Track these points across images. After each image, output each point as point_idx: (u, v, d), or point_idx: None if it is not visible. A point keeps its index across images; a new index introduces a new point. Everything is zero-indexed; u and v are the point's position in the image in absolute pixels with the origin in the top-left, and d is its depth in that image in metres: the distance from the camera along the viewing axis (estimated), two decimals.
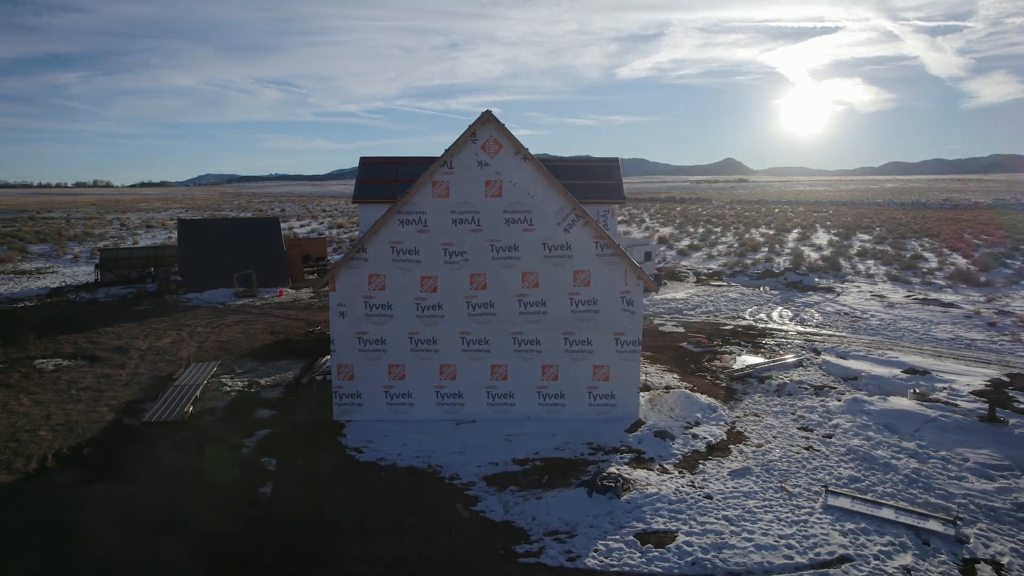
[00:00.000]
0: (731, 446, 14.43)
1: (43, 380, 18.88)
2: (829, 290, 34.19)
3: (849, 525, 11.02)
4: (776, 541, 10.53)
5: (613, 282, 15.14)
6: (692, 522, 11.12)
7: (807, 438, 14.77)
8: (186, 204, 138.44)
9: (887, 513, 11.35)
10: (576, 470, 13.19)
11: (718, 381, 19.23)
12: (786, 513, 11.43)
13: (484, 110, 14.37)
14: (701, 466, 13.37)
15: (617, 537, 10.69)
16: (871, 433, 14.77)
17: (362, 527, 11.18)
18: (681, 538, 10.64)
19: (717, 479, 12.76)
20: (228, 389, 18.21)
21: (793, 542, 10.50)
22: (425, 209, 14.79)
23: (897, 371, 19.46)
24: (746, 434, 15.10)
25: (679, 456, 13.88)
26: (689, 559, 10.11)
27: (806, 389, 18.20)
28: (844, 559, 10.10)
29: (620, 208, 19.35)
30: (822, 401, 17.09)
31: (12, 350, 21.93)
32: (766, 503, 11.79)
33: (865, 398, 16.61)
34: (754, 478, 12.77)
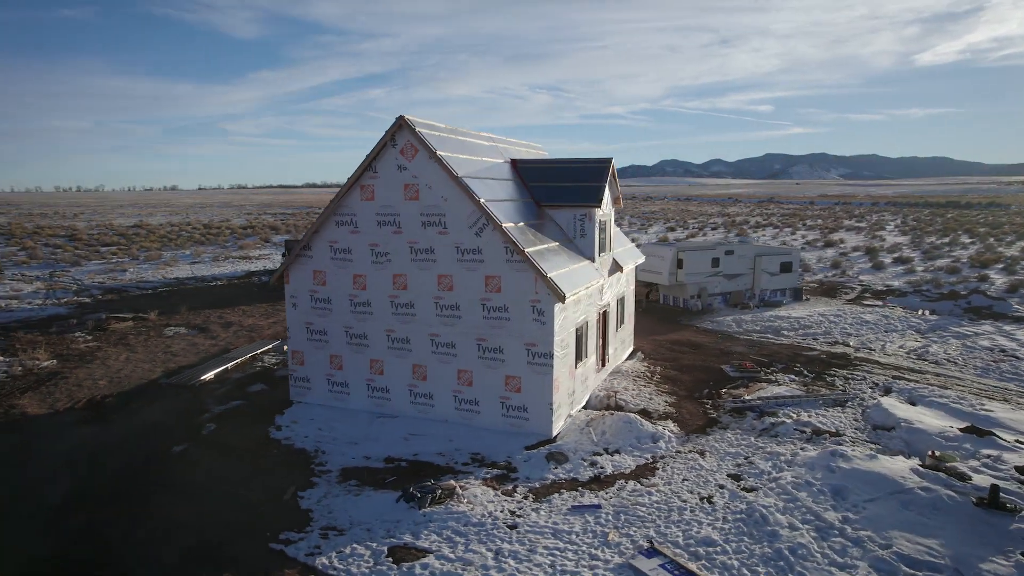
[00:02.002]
0: (620, 480, 12.87)
1: (152, 343, 23.77)
2: (1021, 320, 26.76)
3: None
4: None
5: (523, 290, 14.39)
6: (459, 548, 10.44)
7: (722, 487, 12.49)
8: None
9: None
10: (431, 476, 13.01)
11: (711, 411, 16.87)
12: (569, 562, 10.07)
13: (398, 115, 14.71)
14: (555, 496, 12.23)
15: (373, 545, 10.54)
16: (803, 495, 11.95)
17: (204, 493, 12.56)
18: (427, 560, 10.11)
19: (550, 511, 11.61)
20: (258, 365, 21.07)
21: None
22: (355, 211, 15.66)
23: (954, 426, 15.06)
24: (657, 471, 13.29)
25: (548, 481, 12.83)
26: None
27: (801, 433, 15.14)
28: None
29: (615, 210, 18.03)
30: (801, 449, 14.12)
31: (162, 319, 27.78)
32: (565, 546, 10.50)
33: (851, 454, 13.29)
34: (593, 518, 11.36)
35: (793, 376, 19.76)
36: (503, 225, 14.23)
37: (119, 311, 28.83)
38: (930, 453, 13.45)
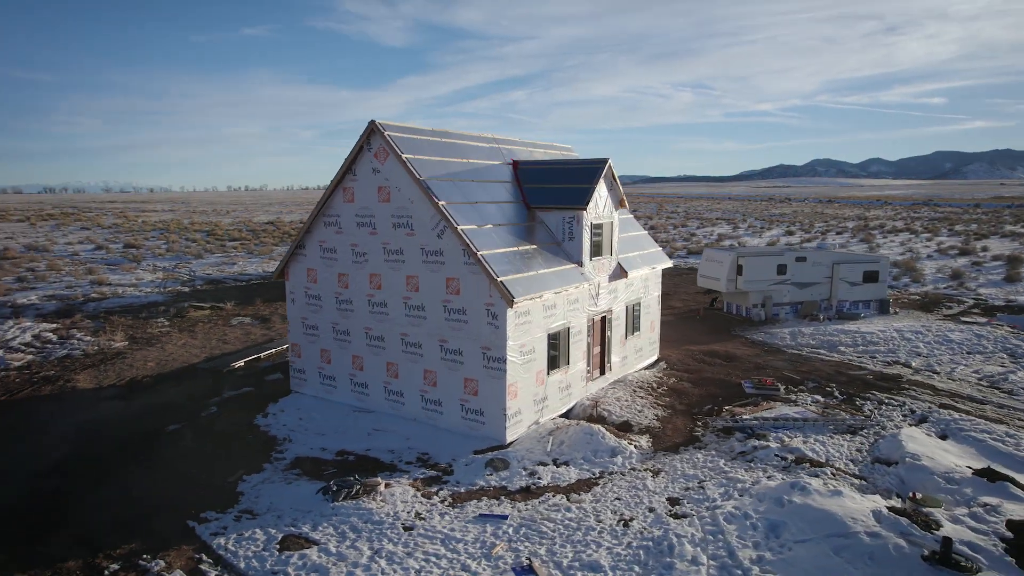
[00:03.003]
0: (549, 493, 12.44)
1: (212, 331, 26.09)
2: None
3: None
4: None
5: (479, 293, 14.27)
6: (345, 543, 10.62)
7: (651, 511, 11.69)
8: None
9: None
10: (372, 472, 13.28)
11: (698, 429, 15.76)
12: (438, 570, 9.92)
13: (369, 120, 15.16)
14: (471, 502, 12.06)
15: (272, 531, 11.00)
16: (731, 527, 10.90)
17: (170, 469, 13.71)
18: (309, 551, 10.38)
19: (455, 517, 11.47)
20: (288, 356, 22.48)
21: None
22: (339, 212, 16.31)
23: (967, 467, 12.98)
24: (596, 487, 12.71)
25: (476, 487, 12.68)
26: (283, 567, 9.98)
27: (782, 460, 13.77)
28: None
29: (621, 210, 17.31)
30: (768, 477, 12.85)
31: (235, 309, 30.37)
32: (445, 553, 10.34)
33: (812, 487, 11.87)
34: (492, 528, 11.10)
35: (819, 397, 17.91)
36: (459, 228, 14.20)
37: (203, 300, 31.90)
38: (911, 495, 11.72)
